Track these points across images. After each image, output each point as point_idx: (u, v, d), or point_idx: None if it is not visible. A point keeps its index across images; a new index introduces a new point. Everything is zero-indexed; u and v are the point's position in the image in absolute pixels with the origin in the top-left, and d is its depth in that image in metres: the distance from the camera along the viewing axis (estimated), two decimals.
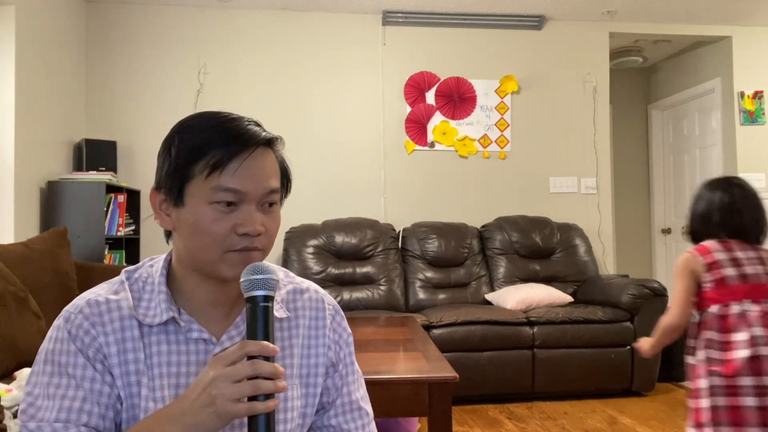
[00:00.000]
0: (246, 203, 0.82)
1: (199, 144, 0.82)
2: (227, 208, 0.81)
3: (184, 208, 0.83)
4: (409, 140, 4.45)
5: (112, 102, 4.21)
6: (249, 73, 4.33)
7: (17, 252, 2.42)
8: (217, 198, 0.81)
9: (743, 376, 1.63)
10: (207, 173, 0.81)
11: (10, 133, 3.21)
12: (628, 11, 4.45)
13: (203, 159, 0.81)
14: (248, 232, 0.81)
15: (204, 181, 0.81)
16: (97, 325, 0.82)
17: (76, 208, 3.51)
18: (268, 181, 0.84)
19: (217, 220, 0.81)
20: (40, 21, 3.53)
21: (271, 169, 0.86)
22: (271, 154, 0.87)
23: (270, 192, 0.85)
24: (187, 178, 0.82)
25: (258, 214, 0.83)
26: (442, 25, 4.48)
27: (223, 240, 0.81)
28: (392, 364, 1.94)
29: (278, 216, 0.89)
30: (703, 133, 5.20)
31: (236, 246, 0.81)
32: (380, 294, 3.90)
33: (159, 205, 0.86)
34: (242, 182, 0.81)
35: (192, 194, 0.82)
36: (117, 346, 0.82)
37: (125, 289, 0.86)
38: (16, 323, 2.10)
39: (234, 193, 0.81)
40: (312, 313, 0.96)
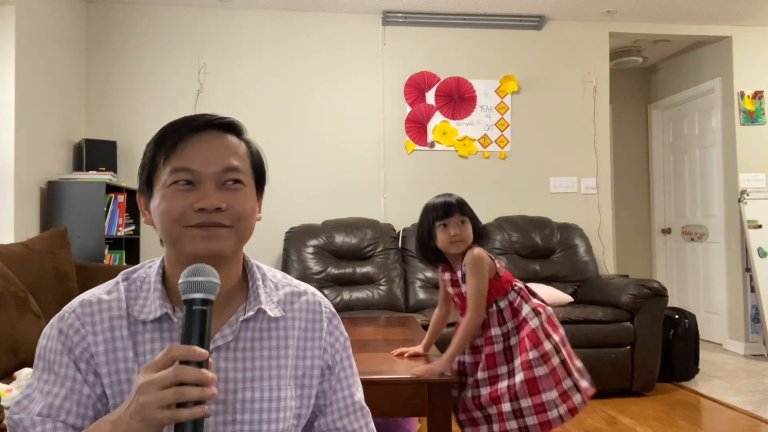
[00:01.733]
0: (203, 182, 0.85)
1: (158, 136, 0.89)
2: (185, 187, 0.85)
3: (153, 197, 0.88)
4: (409, 140, 4.45)
5: (112, 102, 4.20)
6: (249, 73, 4.33)
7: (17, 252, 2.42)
8: (174, 178, 0.85)
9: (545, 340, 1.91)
10: (163, 159, 0.86)
11: (10, 133, 3.21)
12: (628, 11, 4.45)
13: (162, 148, 0.87)
14: (203, 206, 0.83)
15: (163, 168, 0.86)
16: (87, 324, 0.85)
17: (76, 208, 3.51)
18: (223, 159, 0.87)
19: (175, 199, 0.84)
20: (40, 21, 3.52)
21: (227, 149, 0.88)
22: (228, 136, 0.90)
23: (227, 169, 0.87)
24: (153, 170, 0.88)
25: (217, 191, 0.85)
26: (442, 25, 4.48)
27: (182, 217, 0.84)
28: (392, 364, 1.94)
29: (247, 195, 0.89)
30: (703, 133, 5.20)
31: (192, 221, 0.84)
32: (380, 294, 3.90)
33: (143, 206, 0.92)
34: (193, 161, 0.85)
35: (157, 183, 0.87)
36: (105, 345, 0.85)
37: (119, 290, 0.89)
38: (16, 323, 2.10)
39: (187, 171, 0.85)
40: (308, 315, 0.97)
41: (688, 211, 5.39)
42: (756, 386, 3.74)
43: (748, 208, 4.60)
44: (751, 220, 4.57)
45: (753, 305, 4.60)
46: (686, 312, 3.94)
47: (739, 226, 4.66)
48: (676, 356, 3.79)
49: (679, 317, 3.84)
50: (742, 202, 4.62)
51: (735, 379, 3.90)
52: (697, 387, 3.71)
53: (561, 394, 1.85)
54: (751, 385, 3.75)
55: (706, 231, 5.14)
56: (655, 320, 3.54)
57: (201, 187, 0.85)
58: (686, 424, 3.04)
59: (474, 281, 1.91)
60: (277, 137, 4.31)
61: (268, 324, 0.92)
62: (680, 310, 3.97)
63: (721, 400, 3.43)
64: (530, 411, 1.82)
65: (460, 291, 2.00)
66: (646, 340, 3.51)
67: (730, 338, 4.78)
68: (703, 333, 4.74)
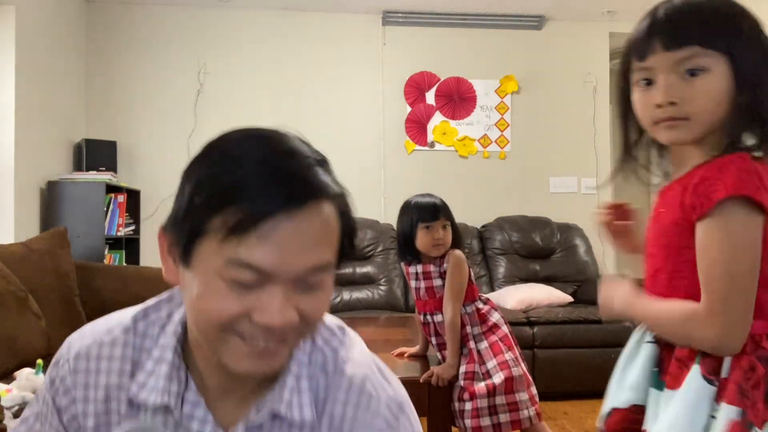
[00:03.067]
0: (274, 283, 0.58)
1: (225, 184, 0.57)
2: (245, 285, 0.58)
3: (189, 271, 0.60)
4: (409, 140, 4.45)
5: (112, 102, 4.20)
6: (249, 73, 4.33)
7: (17, 252, 2.42)
8: (232, 275, 0.57)
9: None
10: (222, 235, 0.56)
11: (10, 133, 3.21)
12: (628, 11, 4.45)
13: (223, 211, 0.56)
14: (269, 325, 0.58)
15: (218, 246, 0.57)
16: (80, 387, 0.68)
17: (76, 208, 3.51)
18: (310, 255, 0.59)
19: (227, 299, 0.58)
20: (40, 21, 3.52)
21: (320, 235, 0.59)
22: (326, 209, 0.60)
23: (314, 270, 0.59)
24: (198, 233, 0.58)
25: (291, 295, 0.59)
26: (442, 25, 4.48)
27: (229, 323, 0.59)
28: (392, 364, 1.94)
29: (325, 296, 0.63)
30: None
31: (244, 332, 0.59)
32: (380, 294, 3.90)
33: (167, 248, 0.64)
34: (269, 256, 0.56)
35: (201, 257, 0.59)
36: (96, 419, 0.68)
37: (126, 344, 0.69)
38: (16, 323, 2.11)
39: (255, 272, 0.57)
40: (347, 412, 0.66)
41: None
42: None
43: None
44: None
45: None
46: None
47: None
48: None
49: None
50: None
51: None
52: None
53: (531, 398, 1.92)
54: None
55: None
56: None
57: (268, 287, 0.58)
58: None
59: (457, 280, 1.95)
60: None
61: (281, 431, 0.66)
62: None
63: None
64: (504, 408, 1.86)
65: (432, 285, 2.00)
66: None
67: None
68: None
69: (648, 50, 0.90)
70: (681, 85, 0.87)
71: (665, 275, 0.92)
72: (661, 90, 0.88)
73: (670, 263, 0.91)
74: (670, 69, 0.87)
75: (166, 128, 4.22)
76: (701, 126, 0.87)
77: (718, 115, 0.87)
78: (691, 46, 0.86)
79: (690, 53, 0.86)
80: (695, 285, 0.86)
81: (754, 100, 0.85)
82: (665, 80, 0.87)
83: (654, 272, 0.94)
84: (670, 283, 0.91)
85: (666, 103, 0.87)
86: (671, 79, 0.87)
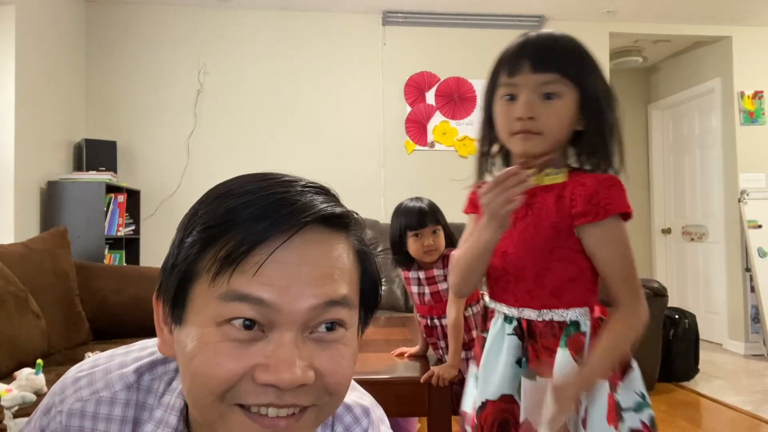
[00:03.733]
0: (280, 328, 0.49)
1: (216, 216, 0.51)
2: (244, 334, 0.48)
3: (182, 329, 0.52)
4: (409, 140, 4.45)
5: (112, 102, 4.20)
6: (249, 72, 4.33)
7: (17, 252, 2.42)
8: (230, 313, 0.48)
9: None
10: (215, 271, 0.49)
11: (10, 133, 3.21)
12: (628, 11, 4.45)
13: (215, 244, 0.50)
14: (276, 382, 0.47)
15: (210, 286, 0.49)
16: None
17: (76, 208, 3.51)
18: (321, 284, 0.50)
19: (224, 353, 0.48)
20: (40, 21, 3.52)
21: (328, 266, 0.51)
22: (338, 240, 0.53)
23: (326, 305, 0.50)
24: (190, 277, 0.51)
25: (303, 344, 0.49)
26: (442, 25, 4.48)
27: (229, 388, 0.48)
28: (392, 364, 1.94)
29: (347, 354, 0.53)
30: (703, 133, 5.20)
31: (248, 399, 0.48)
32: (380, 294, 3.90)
33: (162, 318, 0.56)
34: (271, 285, 0.48)
35: (194, 308, 0.51)
36: None
37: (128, 403, 0.60)
38: (16, 323, 2.11)
39: (257, 305, 0.48)
40: None
41: (688, 211, 5.39)
42: (756, 386, 3.74)
43: (748, 208, 4.59)
44: (751, 220, 4.57)
45: (753, 305, 4.60)
46: (686, 312, 3.94)
47: (739, 226, 4.66)
48: (676, 356, 3.78)
49: (679, 317, 3.84)
50: (742, 202, 4.62)
51: (735, 379, 3.90)
52: (697, 387, 3.71)
53: None
54: (751, 385, 3.75)
55: (706, 231, 5.13)
56: (655, 320, 3.54)
57: (274, 335, 0.49)
58: (686, 424, 3.04)
59: None
60: (277, 137, 4.31)
61: None
62: (680, 310, 3.97)
63: (721, 400, 3.43)
64: None
65: (438, 289, 1.98)
66: (646, 340, 3.48)
67: (730, 338, 4.78)
68: (703, 333, 4.73)
69: (517, 69, 1.03)
70: (539, 104, 1.01)
71: (534, 271, 1.05)
72: (523, 105, 1.01)
73: (539, 260, 1.04)
74: (532, 89, 1.01)
75: (166, 128, 4.22)
76: (551, 142, 1.02)
77: (563, 135, 1.03)
78: (552, 72, 1.00)
79: (551, 78, 1.00)
80: (560, 278, 1.04)
81: (595, 128, 1.03)
82: (527, 97, 1.01)
83: (517, 270, 1.06)
84: (537, 278, 1.05)
85: (526, 116, 1.01)
86: (532, 97, 1.01)
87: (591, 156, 1.06)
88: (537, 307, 1.05)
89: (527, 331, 1.05)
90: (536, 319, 1.05)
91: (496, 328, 1.10)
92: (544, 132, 1.01)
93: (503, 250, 1.06)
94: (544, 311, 1.04)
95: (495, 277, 1.10)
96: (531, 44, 1.04)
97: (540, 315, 1.05)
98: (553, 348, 1.02)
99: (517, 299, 1.07)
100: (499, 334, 1.08)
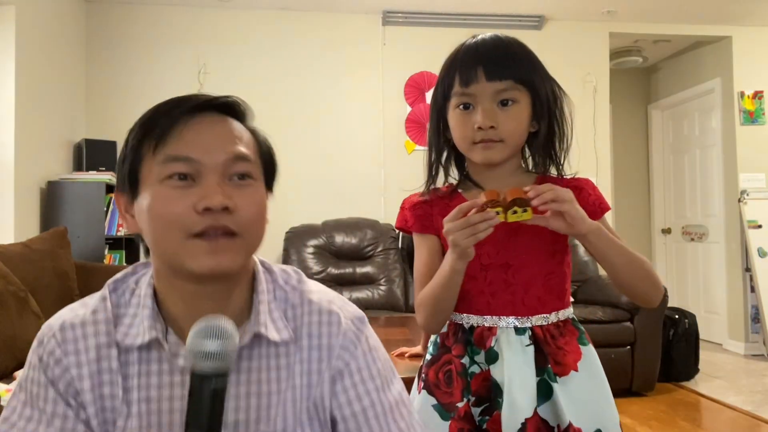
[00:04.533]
0: (205, 175, 0.69)
1: (145, 120, 0.73)
2: (182, 183, 0.69)
3: (139, 196, 0.72)
4: (409, 140, 4.45)
5: (112, 102, 4.20)
6: (249, 73, 4.33)
7: (17, 252, 2.42)
8: (168, 171, 0.69)
9: None
10: (154, 147, 0.70)
11: (10, 133, 3.21)
12: (628, 11, 4.45)
13: (151, 133, 0.71)
14: (209, 205, 0.67)
15: (153, 158, 0.70)
16: (70, 354, 0.72)
17: (76, 208, 3.51)
18: (229, 145, 0.71)
19: (173, 199, 0.68)
20: (40, 21, 3.52)
21: (232, 135, 0.73)
22: (232, 121, 0.75)
23: (235, 158, 0.71)
24: (138, 161, 0.72)
25: (222, 186, 0.69)
26: (442, 25, 4.48)
27: (182, 222, 0.68)
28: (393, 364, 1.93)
29: (258, 193, 0.74)
30: (703, 133, 5.20)
31: (197, 227, 0.68)
32: (380, 294, 3.90)
33: (123, 208, 0.76)
34: (193, 148, 0.69)
35: (144, 178, 0.71)
36: (91, 380, 0.71)
37: (106, 307, 0.74)
38: (16, 323, 2.11)
39: (185, 161, 0.69)
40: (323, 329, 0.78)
41: (688, 211, 5.39)
42: (756, 386, 3.74)
43: (748, 208, 4.59)
44: (751, 220, 4.57)
45: (753, 305, 4.60)
46: (686, 312, 3.94)
47: (739, 226, 4.66)
48: (676, 356, 3.78)
49: (679, 317, 3.84)
50: (742, 202, 4.62)
51: (735, 379, 3.90)
52: (697, 387, 3.71)
53: None
54: (751, 385, 3.75)
55: (706, 231, 5.14)
56: (655, 320, 3.54)
57: (202, 181, 0.69)
58: (686, 424, 3.04)
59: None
60: (277, 137, 4.26)
61: (268, 350, 0.75)
62: (680, 310, 3.97)
63: (721, 400, 3.43)
64: None
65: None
66: (646, 340, 3.51)
67: (730, 338, 4.78)
68: (703, 333, 4.73)
69: (472, 79, 1.02)
70: (498, 112, 1.01)
71: (541, 278, 1.05)
72: (483, 115, 1.00)
73: (545, 266, 1.05)
74: (489, 97, 1.01)
75: None
76: (512, 148, 1.04)
77: (522, 140, 1.05)
78: (508, 80, 1.00)
79: (506, 86, 1.00)
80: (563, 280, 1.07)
81: (547, 130, 1.05)
82: (486, 107, 1.01)
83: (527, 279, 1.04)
84: (547, 285, 1.05)
85: (486, 126, 1.00)
86: (490, 106, 1.01)
87: (546, 158, 1.07)
88: (548, 312, 1.05)
89: (543, 337, 1.04)
90: (546, 324, 1.05)
91: (507, 344, 1.03)
92: (505, 139, 1.02)
93: (503, 262, 1.04)
94: (552, 314, 1.06)
95: (492, 292, 1.05)
96: (483, 51, 1.03)
97: (549, 318, 1.06)
98: (567, 348, 1.05)
99: (528, 308, 1.04)
100: (514, 349, 1.03)
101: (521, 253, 1.04)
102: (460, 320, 1.08)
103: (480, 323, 1.06)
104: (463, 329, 1.07)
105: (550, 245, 1.05)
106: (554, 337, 1.05)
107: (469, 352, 1.05)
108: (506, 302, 1.04)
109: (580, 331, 1.10)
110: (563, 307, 1.08)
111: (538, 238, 1.04)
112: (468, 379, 1.04)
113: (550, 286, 1.05)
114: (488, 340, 1.04)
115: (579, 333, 1.09)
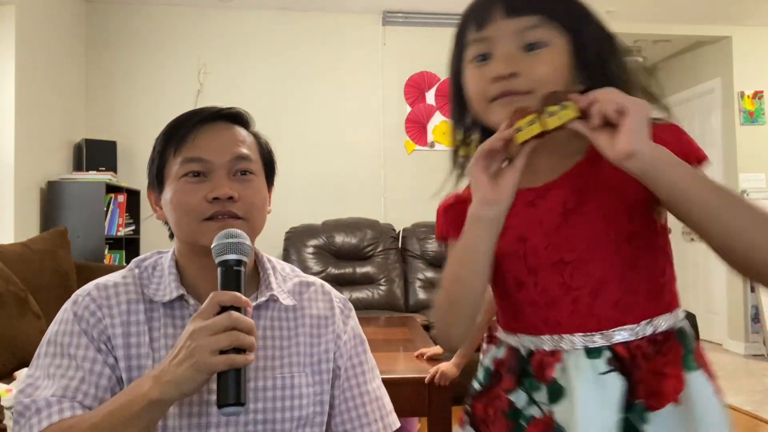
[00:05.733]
0: (215, 172, 0.86)
1: (168, 129, 0.90)
2: (196, 179, 0.86)
3: (164, 191, 0.89)
4: (409, 140, 4.45)
5: (112, 102, 4.20)
6: (249, 73, 4.33)
7: (17, 252, 2.42)
8: (185, 169, 0.86)
9: None
10: (174, 151, 0.88)
11: (10, 133, 3.21)
12: (628, 11, 4.45)
13: (172, 140, 0.89)
14: (217, 195, 0.84)
15: (173, 160, 0.88)
16: (104, 307, 0.85)
17: (76, 208, 3.51)
18: (233, 148, 0.88)
19: (189, 192, 0.85)
20: (40, 21, 3.53)
21: (236, 139, 0.89)
22: (236, 127, 0.92)
23: (238, 158, 0.88)
24: (163, 163, 0.89)
25: (229, 181, 0.86)
26: (442, 25, 4.48)
27: (197, 209, 0.85)
28: (392, 364, 1.94)
29: (258, 186, 0.90)
30: (703, 133, 5.20)
31: (208, 212, 0.85)
32: (380, 294, 3.90)
33: (154, 201, 0.93)
34: (204, 151, 0.86)
35: (168, 176, 0.89)
36: (122, 328, 0.85)
37: (133, 275, 0.90)
38: (16, 323, 2.11)
39: (198, 161, 0.86)
40: (319, 304, 0.98)
41: None
42: (756, 386, 3.74)
43: None
44: None
45: (753, 305, 4.60)
46: (686, 312, 3.93)
47: None
48: None
49: None
50: None
51: (735, 379, 3.90)
52: None
53: None
54: (751, 385, 3.75)
55: None
56: None
57: (212, 177, 0.86)
58: None
59: None
60: (277, 137, 4.28)
61: (279, 313, 0.93)
62: None
63: None
64: None
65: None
66: None
67: (730, 338, 4.78)
68: (703, 333, 4.74)
69: (487, 18, 0.76)
70: (523, 57, 0.73)
71: (616, 275, 0.74)
72: (501, 61, 0.73)
73: (619, 258, 0.74)
74: (510, 38, 0.73)
75: None
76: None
77: None
78: (533, 14, 0.73)
79: (532, 23, 0.73)
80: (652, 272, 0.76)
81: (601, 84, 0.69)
82: (506, 50, 0.73)
83: (597, 279, 0.73)
84: (627, 284, 0.74)
85: (506, 74, 0.72)
86: (511, 49, 0.73)
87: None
88: (635, 321, 0.73)
89: (630, 358, 0.71)
90: (635, 339, 0.72)
91: (576, 373, 0.72)
92: (535, 89, 0.71)
93: (555, 260, 0.74)
94: (643, 323, 0.73)
95: (547, 302, 0.75)
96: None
97: (638, 331, 0.73)
98: (667, 371, 0.71)
99: (600, 320, 0.72)
100: (585, 380, 0.71)
101: (579, 242, 0.74)
102: (514, 343, 0.80)
103: (538, 346, 0.76)
104: (519, 355, 0.78)
105: (624, 223, 0.73)
106: (648, 357, 0.71)
107: (526, 387, 0.76)
108: (569, 314, 0.74)
109: (687, 348, 0.74)
110: (662, 312, 0.75)
111: (602, 216, 0.73)
112: (521, 423, 0.75)
113: (632, 284, 0.74)
114: (550, 369, 0.74)
115: (684, 351, 0.73)
